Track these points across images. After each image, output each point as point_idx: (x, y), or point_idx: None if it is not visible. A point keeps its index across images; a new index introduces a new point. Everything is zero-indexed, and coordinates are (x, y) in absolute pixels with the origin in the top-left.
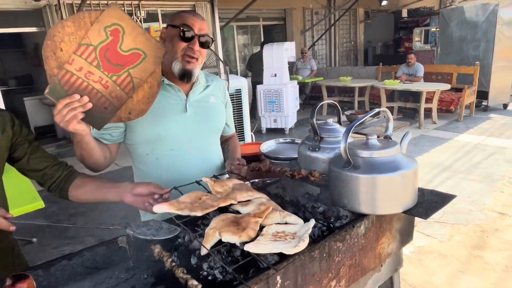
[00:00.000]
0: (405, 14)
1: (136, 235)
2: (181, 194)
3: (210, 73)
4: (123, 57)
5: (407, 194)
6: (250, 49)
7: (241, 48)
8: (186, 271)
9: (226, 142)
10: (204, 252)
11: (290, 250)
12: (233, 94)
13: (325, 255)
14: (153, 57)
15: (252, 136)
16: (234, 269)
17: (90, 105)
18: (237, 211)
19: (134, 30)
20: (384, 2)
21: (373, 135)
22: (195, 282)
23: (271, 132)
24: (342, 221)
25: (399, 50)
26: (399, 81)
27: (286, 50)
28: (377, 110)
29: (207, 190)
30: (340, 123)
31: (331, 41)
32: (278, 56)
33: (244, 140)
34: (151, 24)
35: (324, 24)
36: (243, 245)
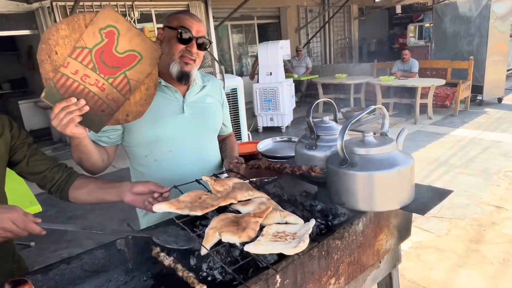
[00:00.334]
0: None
1: (163, 244)
2: (181, 193)
3: (206, 73)
4: (119, 59)
5: (404, 190)
6: (245, 48)
7: (236, 47)
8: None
9: (224, 141)
10: (204, 252)
11: (290, 250)
12: (228, 94)
13: (324, 253)
14: (149, 58)
15: (249, 135)
16: (233, 269)
17: (87, 108)
18: (237, 211)
19: (129, 31)
20: None
21: (369, 132)
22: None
23: (268, 130)
24: (340, 218)
25: (394, 46)
26: (394, 77)
27: (281, 49)
28: (373, 108)
29: (207, 189)
30: (336, 121)
31: (326, 38)
32: (273, 54)
33: (241, 139)
34: (145, 24)
35: (318, 21)
36: (243, 245)
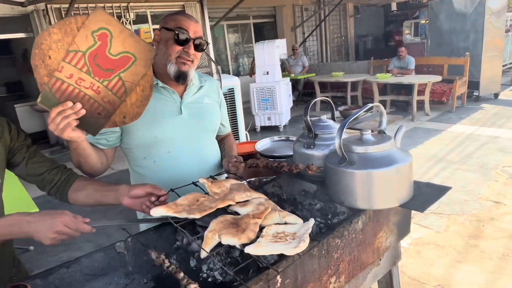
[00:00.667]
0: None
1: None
2: (178, 196)
3: (202, 73)
4: (113, 61)
5: (403, 187)
6: (241, 47)
7: (232, 47)
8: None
9: (222, 141)
10: (204, 255)
11: (291, 251)
12: (225, 94)
13: (324, 252)
14: (143, 59)
15: (246, 134)
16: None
17: (83, 111)
18: (235, 212)
19: (121, 33)
20: None
21: (367, 130)
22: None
23: (266, 130)
24: (340, 217)
25: (390, 43)
26: (391, 74)
27: (278, 48)
28: (370, 105)
29: (205, 191)
30: (334, 119)
31: (322, 37)
32: (270, 54)
33: (239, 139)
34: (141, 25)
35: (314, 20)
36: (243, 246)
